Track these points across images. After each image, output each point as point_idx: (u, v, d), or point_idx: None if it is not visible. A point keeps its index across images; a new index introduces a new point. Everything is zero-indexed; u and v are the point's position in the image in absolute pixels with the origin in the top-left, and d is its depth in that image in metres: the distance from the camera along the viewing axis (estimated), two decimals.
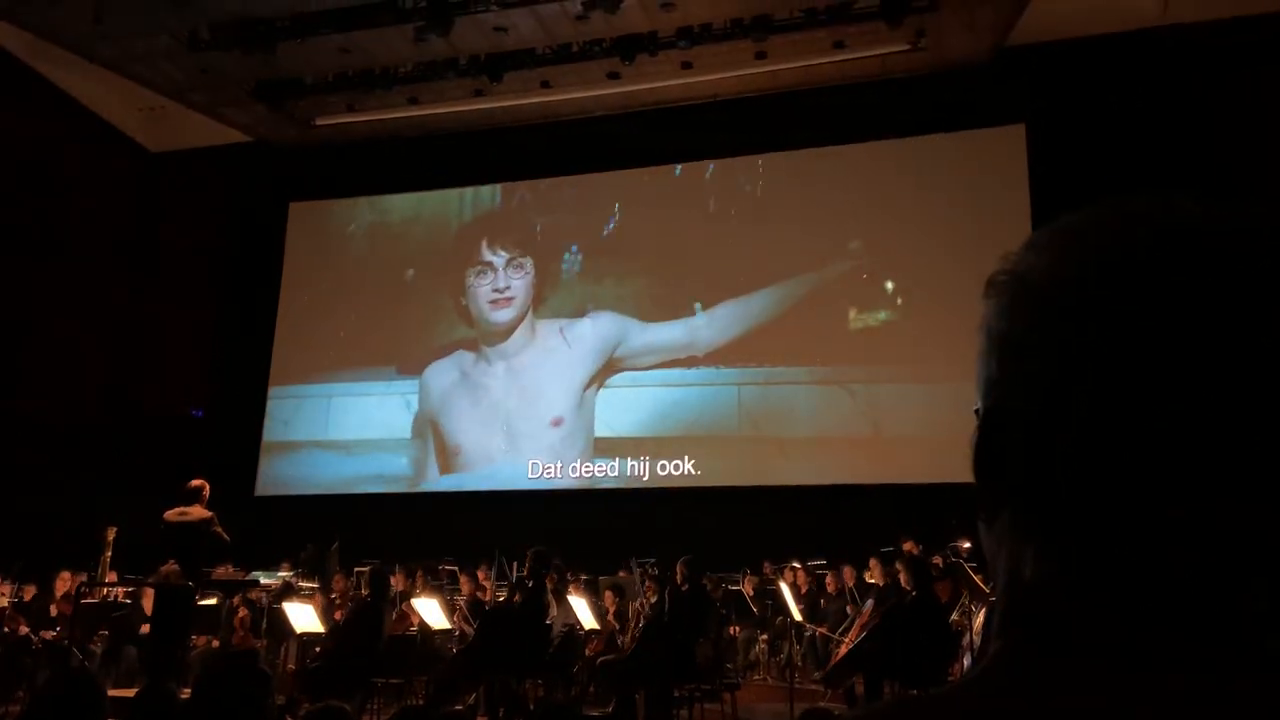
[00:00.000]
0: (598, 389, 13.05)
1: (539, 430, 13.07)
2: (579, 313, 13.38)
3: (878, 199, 12.35)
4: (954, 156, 12.18)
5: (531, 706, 7.18)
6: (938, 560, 8.15)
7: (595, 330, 13.24)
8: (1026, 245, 0.55)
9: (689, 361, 12.74)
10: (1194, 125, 10.84)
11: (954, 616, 7.65)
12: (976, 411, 0.55)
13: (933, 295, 11.64)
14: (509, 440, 13.19)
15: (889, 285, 12.27)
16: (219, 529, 7.85)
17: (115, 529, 9.33)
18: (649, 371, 12.89)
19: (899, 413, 11.76)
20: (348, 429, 13.91)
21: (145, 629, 8.64)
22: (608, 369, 13.07)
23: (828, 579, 9.85)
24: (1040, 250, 0.54)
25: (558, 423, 13.01)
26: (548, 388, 13.21)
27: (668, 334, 12.92)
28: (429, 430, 13.61)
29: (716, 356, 12.67)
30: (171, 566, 7.76)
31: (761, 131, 12.75)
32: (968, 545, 8.27)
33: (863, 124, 12.42)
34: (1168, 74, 11.11)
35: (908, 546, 8.00)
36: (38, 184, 13.10)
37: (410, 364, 13.94)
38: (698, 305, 12.82)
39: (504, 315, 13.73)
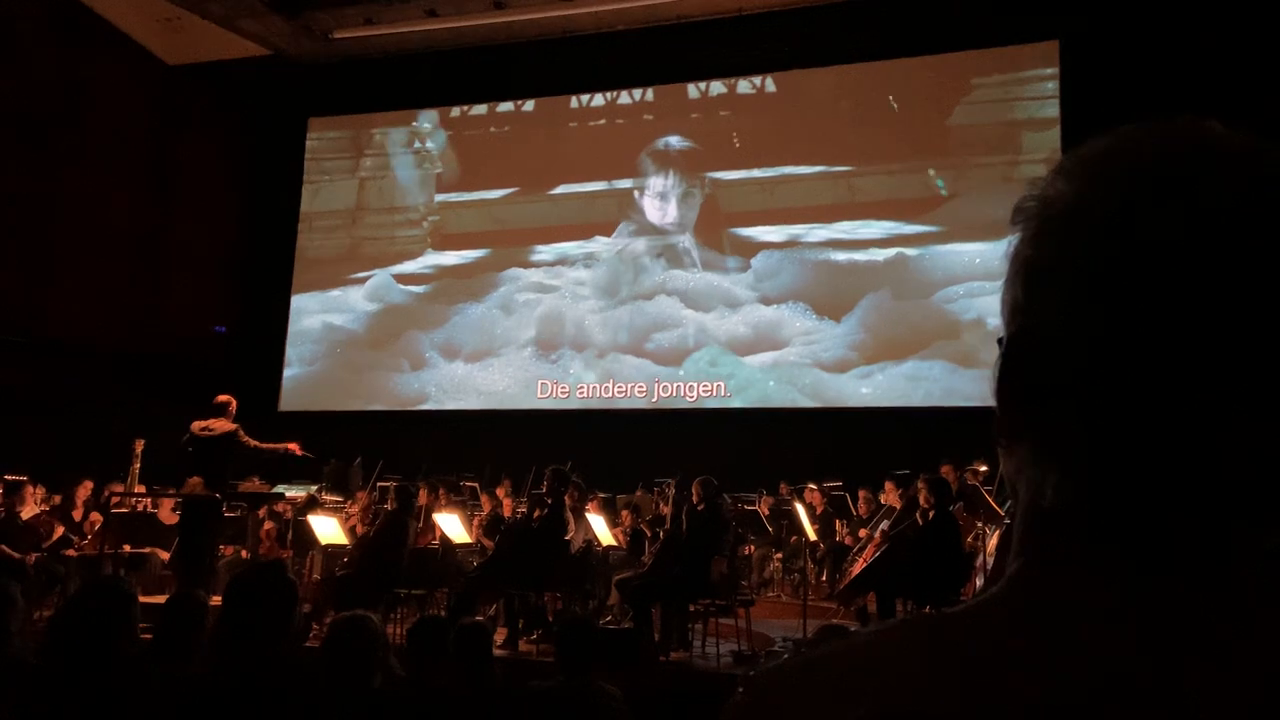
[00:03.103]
0: (626, 312, 13.04)
1: (549, 353, 13.11)
2: (603, 231, 13.30)
3: (906, 117, 12.12)
4: (986, 73, 11.92)
5: (550, 619, 7.35)
6: (952, 480, 8.16)
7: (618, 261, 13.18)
8: (1055, 171, 0.55)
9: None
10: (1233, 44, 10.49)
11: (967, 539, 7.71)
12: (1000, 340, 0.55)
13: (962, 217, 11.52)
14: (524, 361, 13.24)
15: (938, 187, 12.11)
16: (245, 439, 7.99)
17: (143, 442, 9.50)
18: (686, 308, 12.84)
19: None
20: (372, 343, 14.01)
21: (165, 556, 8.83)
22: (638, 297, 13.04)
23: (860, 498, 9.76)
24: (1069, 176, 0.54)
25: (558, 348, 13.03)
26: (568, 314, 13.21)
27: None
28: (444, 343, 13.69)
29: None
30: (196, 479, 7.94)
31: (789, 47, 12.47)
32: (984, 469, 8.30)
33: (892, 39, 12.11)
34: None
35: (945, 470, 8.01)
36: (56, 97, 13.02)
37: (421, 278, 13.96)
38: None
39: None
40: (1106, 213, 0.50)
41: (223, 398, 8.09)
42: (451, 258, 13.96)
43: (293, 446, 8.29)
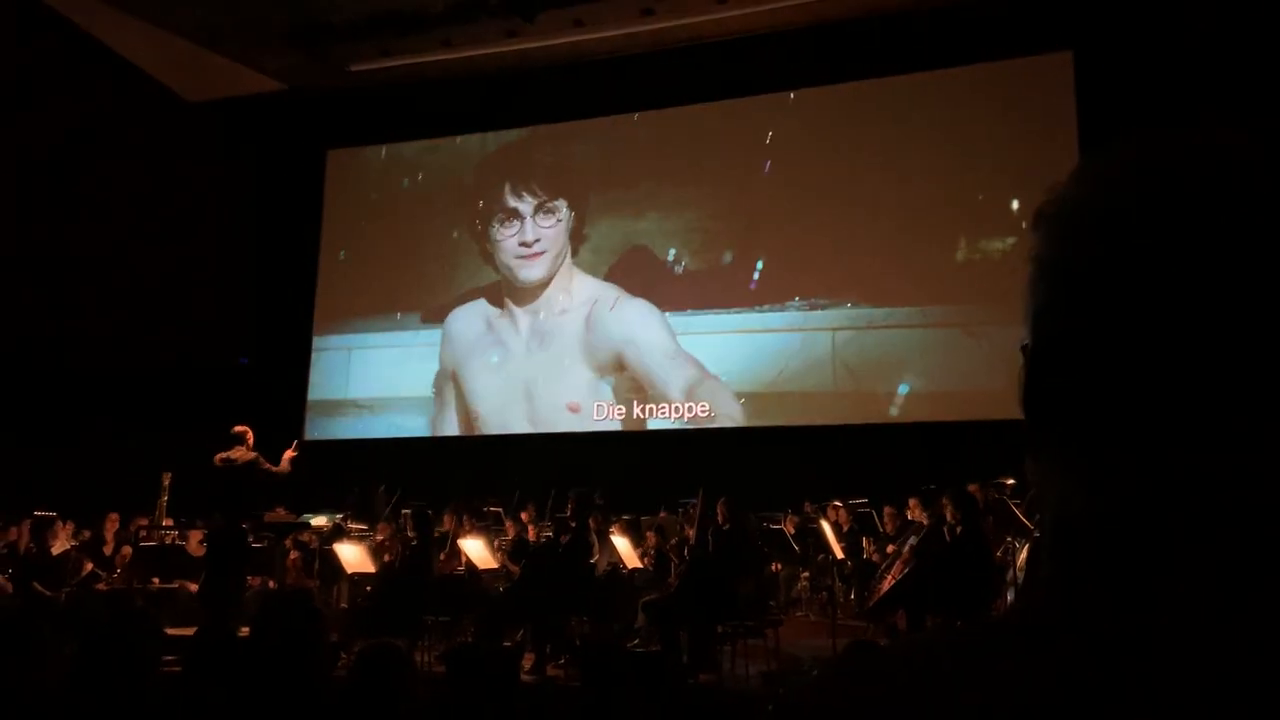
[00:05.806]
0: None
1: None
2: (622, 247, 13.31)
3: (921, 134, 12.09)
4: (998, 87, 11.90)
5: (577, 643, 7.33)
6: (979, 497, 8.10)
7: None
8: (1074, 174, 0.55)
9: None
10: (1253, 47, 10.42)
11: (997, 553, 7.65)
12: (1024, 348, 0.55)
13: (980, 233, 11.51)
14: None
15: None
16: (268, 466, 8.06)
17: (171, 474, 9.58)
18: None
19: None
20: (394, 366, 14.08)
21: (194, 587, 8.87)
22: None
23: (886, 514, 9.68)
24: (1088, 178, 0.54)
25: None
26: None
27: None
28: (450, 384, 13.65)
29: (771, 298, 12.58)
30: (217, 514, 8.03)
31: (799, 66, 12.51)
32: (1011, 482, 8.22)
33: (901, 56, 12.11)
34: None
35: (972, 489, 7.93)
36: (74, 134, 13.21)
37: (438, 312, 14.04)
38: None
39: (534, 274, 13.54)
40: (1114, 214, 0.50)
41: (239, 428, 8.17)
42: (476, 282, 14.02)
43: (290, 453, 8.37)
